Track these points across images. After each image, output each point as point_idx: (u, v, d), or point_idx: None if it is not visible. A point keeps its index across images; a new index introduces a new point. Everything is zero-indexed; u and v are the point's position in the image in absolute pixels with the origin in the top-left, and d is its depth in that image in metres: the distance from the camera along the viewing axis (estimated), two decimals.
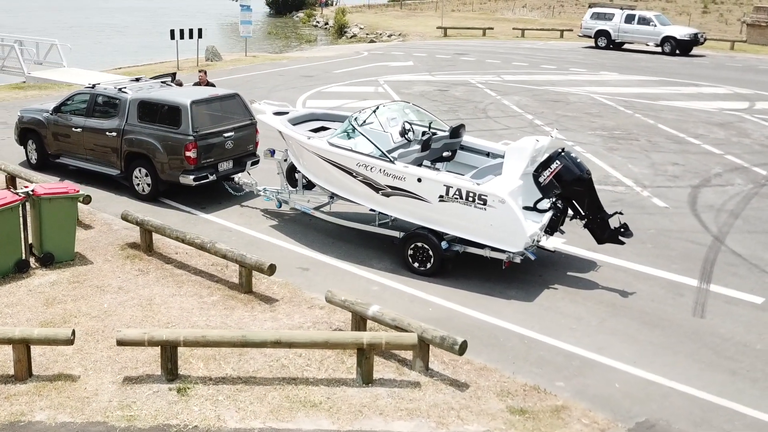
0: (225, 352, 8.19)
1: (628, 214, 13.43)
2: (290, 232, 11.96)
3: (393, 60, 33.69)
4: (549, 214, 10.29)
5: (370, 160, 10.57)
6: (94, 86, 13.79)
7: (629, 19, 39.14)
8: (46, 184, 10.88)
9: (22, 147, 14.71)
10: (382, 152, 10.56)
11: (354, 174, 10.76)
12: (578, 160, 10.39)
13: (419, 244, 10.46)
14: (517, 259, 10.02)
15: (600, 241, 10.59)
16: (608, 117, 21.76)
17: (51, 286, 9.69)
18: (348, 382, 7.86)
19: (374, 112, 11.82)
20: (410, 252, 10.55)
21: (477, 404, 7.58)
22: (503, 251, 9.95)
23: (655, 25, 38.26)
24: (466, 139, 12.02)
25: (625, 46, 40.10)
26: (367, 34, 47.76)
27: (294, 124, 12.04)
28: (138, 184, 13.04)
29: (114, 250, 10.97)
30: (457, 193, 9.97)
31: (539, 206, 10.34)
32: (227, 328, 8.77)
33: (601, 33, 40.12)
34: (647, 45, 38.91)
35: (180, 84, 15.00)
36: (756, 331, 9.34)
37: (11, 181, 12.82)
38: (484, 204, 9.80)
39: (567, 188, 10.28)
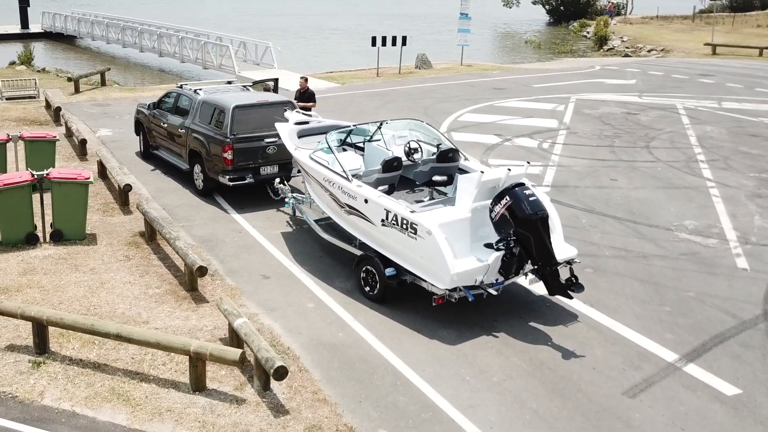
0: (104, 339, 8.85)
1: (689, 270, 11.67)
2: (291, 241, 12.27)
3: (618, 77, 31.70)
4: (497, 254, 9.40)
5: (333, 176, 10.57)
6: (181, 86, 15.24)
7: None
8: (63, 169, 12.47)
9: (138, 137, 16.75)
10: (342, 168, 10.48)
11: (324, 189, 10.83)
12: (532, 199, 9.30)
13: (369, 268, 10.22)
14: (453, 298, 9.35)
15: (551, 292, 9.45)
16: None
17: (41, 259, 11.16)
18: (181, 386, 8.15)
19: (379, 128, 11.69)
20: (363, 275, 10.35)
21: None
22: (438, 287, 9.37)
23: None
24: (470, 164, 11.34)
25: None
26: (627, 47, 45.19)
27: (306, 135, 12.29)
28: (196, 179, 14.21)
29: (126, 236, 12.22)
30: (394, 218, 9.62)
31: (500, 245, 9.52)
32: (76, 317, 9.37)
33: None
34: None
35: (267, 89, 15.91)
36: (683, 425, 7.82)
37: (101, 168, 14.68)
38: (415, 233, 9.35)
39: (516, 228, 9.32)
